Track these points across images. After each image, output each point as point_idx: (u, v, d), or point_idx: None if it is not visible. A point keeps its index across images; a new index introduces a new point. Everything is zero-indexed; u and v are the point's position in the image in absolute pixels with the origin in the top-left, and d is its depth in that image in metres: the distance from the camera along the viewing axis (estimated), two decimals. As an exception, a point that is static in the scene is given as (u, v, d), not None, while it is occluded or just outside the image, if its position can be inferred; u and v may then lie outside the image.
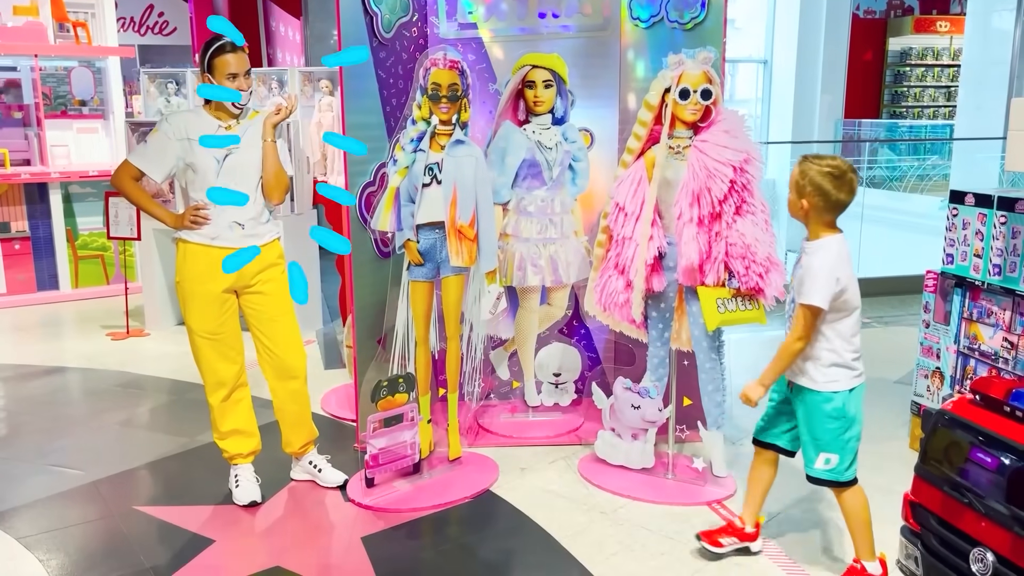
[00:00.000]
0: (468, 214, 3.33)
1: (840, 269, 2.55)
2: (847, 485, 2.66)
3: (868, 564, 2.64)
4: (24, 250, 6.67)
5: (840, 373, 2.62)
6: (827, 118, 11.57)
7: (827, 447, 2.64)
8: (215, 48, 3.06)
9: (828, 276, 2.52)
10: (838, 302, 2.57)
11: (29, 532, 3.10)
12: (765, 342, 5.64)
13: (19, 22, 6.69)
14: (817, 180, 2.54)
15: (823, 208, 2.57)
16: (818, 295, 2.52)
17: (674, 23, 3.67)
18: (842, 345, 2.61)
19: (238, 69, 3.06)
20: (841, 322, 2.60)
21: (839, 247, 2.59)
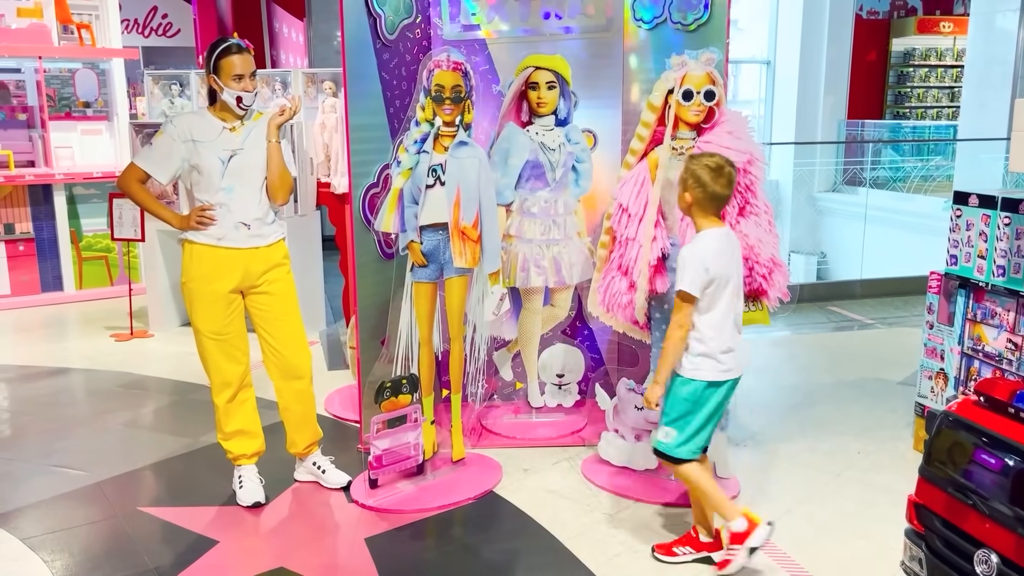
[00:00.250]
0: (471, 215, 3.33)
1: (712, 260, 2.67)
2: (678, 462, 2.79)
3: (734, 524, 2.73)
4: (28, 251, 6.68)
5: (705, 363, 2.73)
6: (830, 119, 11.57)
7: (671, 422, 2.78)
8: (221, 49, 3.08)
9: (698, 265, 2.66)
10: (708, 291, 2.69)
11: (34, 533, 3.11)
12: (770, 343, 5.65)
13: (23, 24, 6.70)
14: (697, 173, 2.71)
15: (703, 199, 2.72)
16: (687, 281, 2.67)
17: (677, 24, 3.67)
18: (710, 336, 2.71)
19: (244, 70, 3.08)
20: (710, 313, 2.72)
21: (717, 241, 2.72)
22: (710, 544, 2.88)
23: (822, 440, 3.93)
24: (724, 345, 2.73)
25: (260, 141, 3.17)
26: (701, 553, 2.89)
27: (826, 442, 3.90)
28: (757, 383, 4.77)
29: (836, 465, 3.65)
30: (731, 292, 2.74)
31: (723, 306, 2.72)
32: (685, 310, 2.70)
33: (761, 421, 4.17)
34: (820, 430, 4.05)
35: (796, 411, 4.33)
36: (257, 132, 3.17)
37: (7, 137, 6.72)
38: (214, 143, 3.10)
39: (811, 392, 4.63)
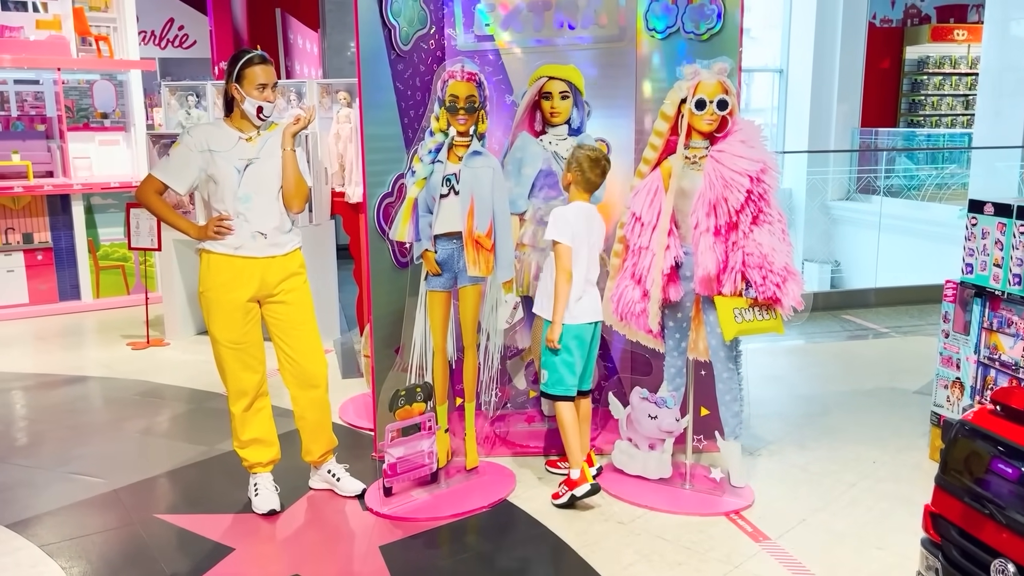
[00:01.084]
0: (485, 224, 3.35)
1: (572, 220, 3.29)
2: (554, 398, 3.37)
3: (572, 471, 3.30)
4: (47, 260, 6.76)
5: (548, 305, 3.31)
6: (843, 127, 11.53)
7: (544, 364, 3.38)
8: (246, 59, 3.12)
9: (561, 222, 3.27)
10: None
11: (52, 539, 3.13)
12: (783, 352, 5.63)
13: (42, 36, 6.80)
14: (580, 159, 3.32)
15: (580, 181, 3.33)
16: (556, 232, 3.25)
17: (690, 34, 3.68)
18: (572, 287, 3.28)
19: (267, 80, 3.12)
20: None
21: (580, 210, 3.34)
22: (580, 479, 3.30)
23: (837, 449, 3.91)
24: (576, 294, 3.29)
25: (276, 150, 3.20)
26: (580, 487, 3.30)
27: (841, 451, 3.89)
28: (771, 392, 4.76)
29: (851, 474, 3.64)
30: (585, 254, 3.31)
31: (578, 263, 3.29)
32: (564, 253, 3.25)
33: (775, 430, 4.15)
34: (835, 439, 4.04)
35: (811, 420, 4.31)
36: (273, 142, 3.21)
37: (26, 148, 6.80)
38: (230, 153, 3.14)
39: (825, 401, 4.61)
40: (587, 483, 3.25)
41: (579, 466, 3.28)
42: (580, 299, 3.32)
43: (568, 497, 3.28)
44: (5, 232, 6.57)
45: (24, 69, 6.80)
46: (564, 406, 3.35)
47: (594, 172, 3.32)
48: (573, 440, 3.32)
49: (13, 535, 3.16)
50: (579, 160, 3.32)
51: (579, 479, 3.26)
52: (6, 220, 6.57)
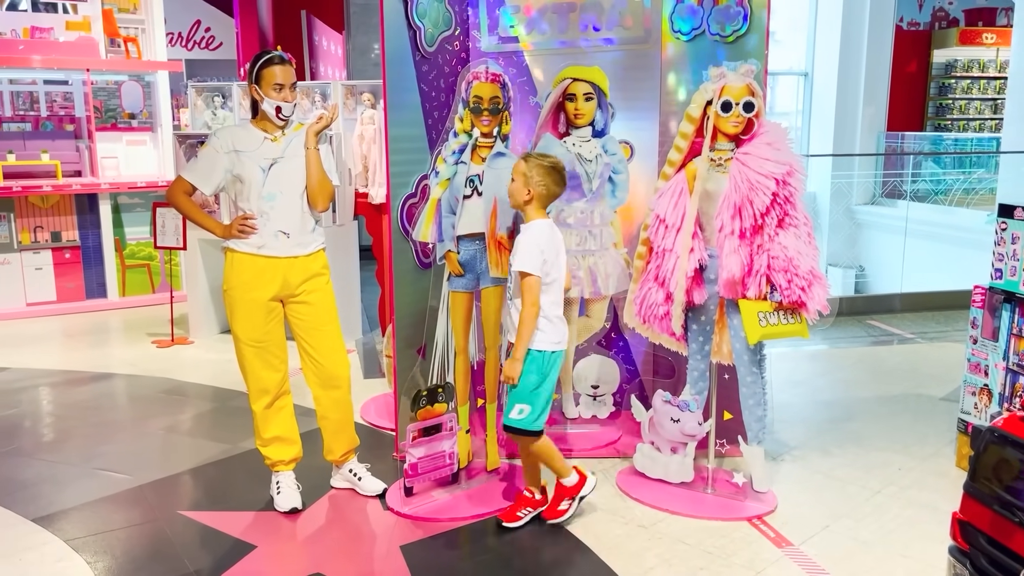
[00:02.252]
0: (508, 225, 3.35)
1: (545, 244, 3.02)
2: (536, 435, 3.11)
3: (566, 480, 3.18)
4: (74, 259, 6.85)
5: (547, 335, 3.07)
6: (869, 130, 11.42)
7: (522, 398, 3.06)
8: (264, 60, 3.15)
9: (534, 247, 3.00)
10: (544, 271, 3.01)
11: (77, 534, 3.17)
12: (807, 357, 5.58)
13: (72, 37, 6.89)
14: (540, 174, 3.02)
15: (546, 196, 3.06)
16: (529, 263, 2.98)
17: (715, 36, 3.66)
18: (550, 311, 3.06)
19: (284, 80, 3.14)
20: (549, 291, 3.06)
21: (547, 228, 3.07)
22: (542, 500, 3.24)
23: (861, 456, 3.87)
24: (559, 319, 3.10)
25: (300, 150, 3.22)
26: (538, 510, 3.23)
27: (866, 458, 3.85)
28: (794, 397, 4.72)
29: (876, 481, 3.59)
30: (561, 273, 3.11)
31: (557, 285, 3.08)
32: (533, 286, 3.00)
33: (799, 435, 4.12)
34: (859, 445, 3.99)
35: (835, 426, 4.27)
36: (298, 141, 3.23)
37: (55, 147, 6.90)
38: (255, 152, 3.16)
39: (850, 407, 4.57)
40: (588, 476, 3.20)
41: (570, 471, 3.19)
42: (563, 324, 3.14)
43: (578, 501, 3.20)
44: (34, 230, 6.67)
45: (54, 70, 6.89)
46: (544, 440, 3.14)
47: (559, 184, 3.07)
48: (558, 459, 3.18)
49: (39, 529, 3.20)
50: (538, 173, 3.01)
51: (579, 481, 3.19)
52: (35, 219, 6.66)
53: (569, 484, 3.18)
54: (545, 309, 3.05)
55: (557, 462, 3.17)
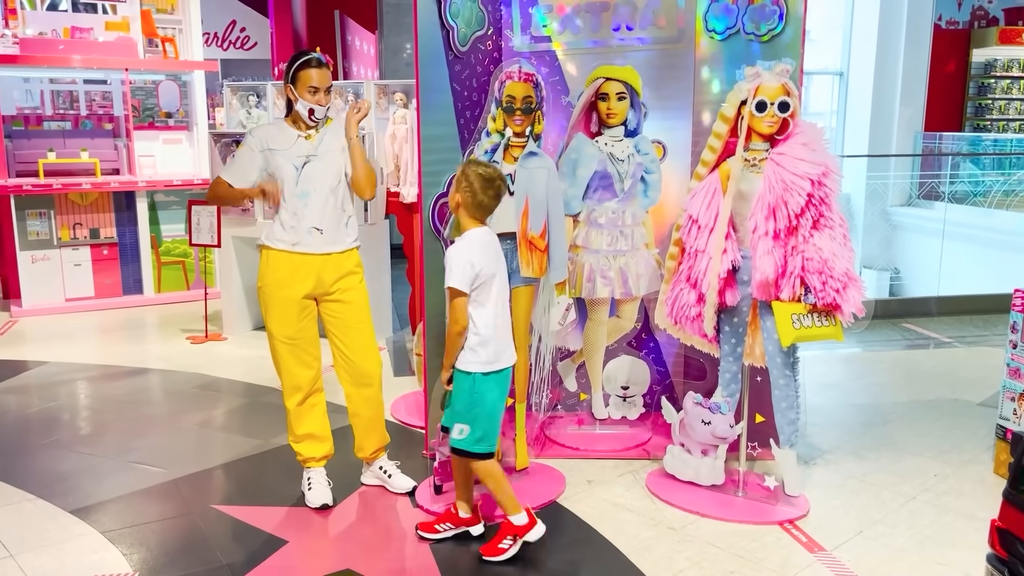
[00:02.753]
0: (539, 225, 3.35)
1: (477, 257, 2.85)
2: (478, 457, 2.93)
3: (514, 517, 2.94)
4: (112, 255, 6.96)
5: (480, 355, 2.90)
6: (906, 131, 11.25)
7: (461, 418, 2.93)
8: (301, 62, 3.18)
9: (463, 262, 2.82)
10: (477, 288, 2.86)
11: (113, 526, 3.22)
12: (840, 360, 5.52)
13: (111, 37, 7.01)
14: (470, 177, 2.87)
15: (471, 204, 2.89)
16: (455, 278, 2.82)
17: (750, 35, 3.63)
18: (485, 330, 2.89)
19: (319, 84, 3.16)
20: (484, 308, 2.89)
21: (480, 238, 2.90)
22: (468, 519, 3.08)
23: (896, 461, 3.81)
24: (497, 337, 2.92)
25: (333, 145, 3.25)
26: (460, 528, 3.09)
27: (900, 463, 3.79)
28: (827, 400, 4.67)
29: (911, 487, 3.54)
30: (497, 288, 2.92)
31: (493, 301, 2.90)
32: (459, 306, 2.86)
33: (831, 439, 4.07)
34: (894, 451, 3.93)
35: (868, 430, 4.21)
36: (330, 137, 3.26)
37: (94, 146, 7.02)
38: (289, 151, 3.20)
39: (884, 411, 4.50)
40: (538, 523, 2.95)
41: (521, 510, 2.94)
42: (502, 342, 2.96)
43: (520, 544, 2.94)
44: (73, 227, 6.79)
45: (93, 69, 7.01)
46: (486, 463, 2.95)
47: (487, 194, 2.87)
48: (507, 488, 2.96)
49: (76, 520, 3.26)
50: (469, 178, 2.86)
51: (528, 522, 2.93)
52: (74, 216, 6.79)
53: (516, 523, 2.94)
54: (479, 328, 2.88)
55: (503, 494, 2.95)
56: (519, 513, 2.94)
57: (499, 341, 2.94)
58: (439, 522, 3.11)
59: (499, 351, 2.93)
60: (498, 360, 2.93)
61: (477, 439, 2.93)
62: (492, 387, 2.93)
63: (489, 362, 2.91)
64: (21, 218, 6.59)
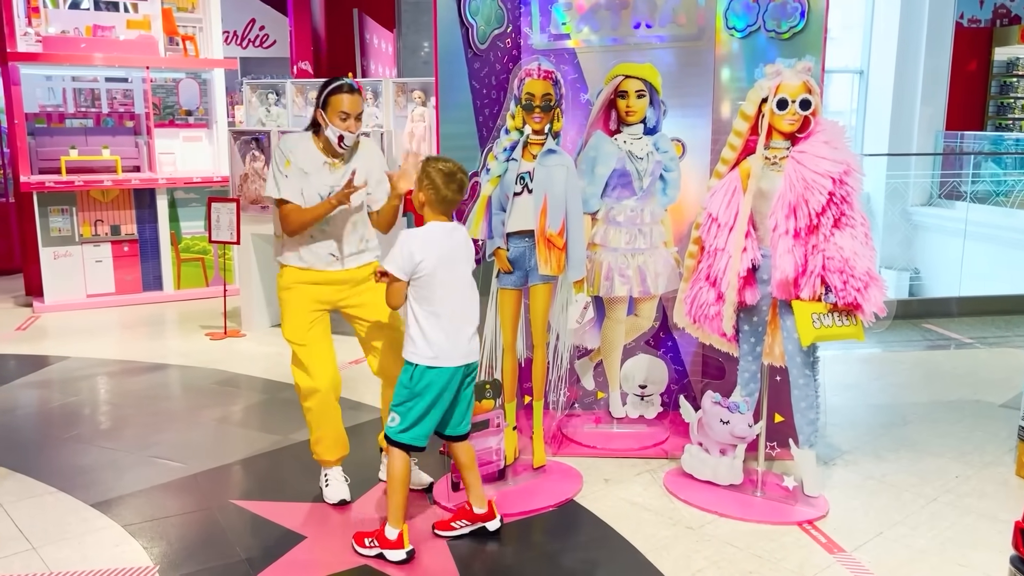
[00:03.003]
0: (558, 223, 3.35)
1: (419, 248, 2.83)
2: (398, 446, 2.92)
3: (389, 529, 2.91)
4: (132, 252, 7.02)
5: (421, 349, 2.89)
6: (927, 130, 11.14)
7: (395, 407, 2.93)
8: (333, 87, 3.13)
9: (405, 250, 2.82)
10: (418, 280, 2.85)
11: (133, 520, 3.25)
12: (859, 360, 5.47)
13: (132, 35, 7.06)
14: (432, 176, 2.87)
15: (435, 200, 2.89)
16: (393, 264, 2.83)
17: (771, 32, 3.61)
18: (426, 324, 2.87)
19: (351, 111, 3.12)
20: (428, 302, 2.87)
21: (435, 233, 2.90)
22: (484, 515, 3.08)
23: (916, 462, 3.78)
24: (440, 333, 2.87)
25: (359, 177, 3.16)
26: (476, 524, 3.09)
27: (920, 464, 3.76)
28: (846, 400, 4.63)
29: (932, 489, 3.51)
30: (450, 283, 2.88)
31: (439, 298, 2.87)
32: (392, 290, 2.88)
33: (851, 439, 4.04)
34: (914, 451, 3.90)
35: (888, 431, 4.18)
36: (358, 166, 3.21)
37: (115, 143, 7.09)
38: (316, 176, 3.17)
39: (904, 412, 4.46)
40: (403, 549, 2.89)
41: (400, 527, 2.91)
42: (450, 337, 2.88)
43: (375, 554, 2.93)
44: (95, 224, 6.85)
45: (115, 67, 7.07)
46: (399, 456, 2.92)
47: (450, 188, 2.87)
48: (400, 496, 2.91)
49: (98, 514, 3.29)
50: (430, 176, 2.87)
51: (396, 541, 2.89)
52: (96, 212, 6.85)
53: (389, 536, 2.91)
54: (422, 321, 2.87)
55: (395, 499, 2.91)
56: (396, 528, 2.91)
57: (444, 341, 2.88)
58: (455, 519, 3.11)
59: (443, 350, 2.88)
60: (440, 358, 2.88)
61: (403, 428, 2.91)
62: (431, 382, 2.88)
63: (431, 357, 2.88)
64: (44, 215, 6.66)
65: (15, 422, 4.35)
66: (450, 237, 2.93)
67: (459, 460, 3.11)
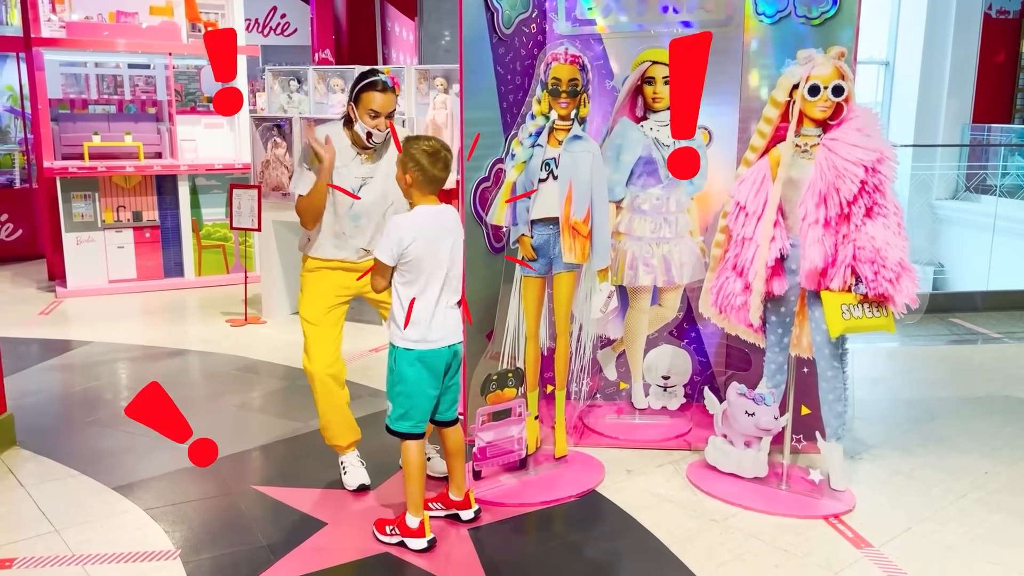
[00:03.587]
0: (583, 211, 3.30)
1: (407, 232, 2.79)
2: (398, 435, 2.92)
3: (410, 518, 2.90)
4: (154, 238, 7.04)
5: (408, 333, 2.85)
6: (953, 122, 11.00)
7: (388, 395, 2.94)
8: (367, 83, 3.11)
9: (394, 235, 2.78)
10: (406, 264, 2.81)
11: (156, 504, 3.25)
12: (884, 354, 5.40)
13: (155, 22, 7.07)
14: (416, 156, 2.81)
15: (422, 181, 2.83)
16: (382, 250, 2.80)
17: (802, 18, 3.54)
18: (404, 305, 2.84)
19: (382, 109, 3.10)
20: (414, 286, 2.84)
21: (424, 217, 2.85)
22: (460, 503, 3.09)
23: (945, 457, 3.72)
24: (426, 315, 2.85)
25: (389, 171, 3.18)
26: (450, 510, 3.11)
27: (950, 460, 3.69)
28: (873, 394, 4.57)
29: (961, 485, 3.45)
30: (436, 266, 2.85)
31: (425, 280, 2.84)
32: (380, 273, 2.85)
33: (878, 434, 3.98)
34: (943, 447, 3.84)
35: (916, 425, 4.11)
36: (387, 158, 3.22)
37: (138, 129, 7.10)
38: (347, 168, 3.17)
39: (931, 406, 4.39)
40: (424, 538, 2.89)
41: (421, 516, 2.90)
42: (433, 319, 2.86)
43: (396, 541, 2.92)
44: (117, 210, 6.88)
45: (138, 54, 7.08)
46: (410, 445, 2.91)
47: (436, 167, 2.82)
48: (416, 485, 2.90)
49: (120, 497, 3.30)
50: (415, 156, 2.81)
51: (418, 530, 2.89)
52: (118, 198, 6.87)
53: (410, 524, 2.89)
54: (405, 304, 2.84)
55: (412, 487, 2.90)
56: (417, 516, 2.89)
57: (429, 323, 2.86)
58: (431, 501, 3.12)
59: (425, 333, 2.85)
60: (422, 341, 2.85)
61: (398, 416, 2.90)
62: (413, 365, 2.86)
63: (415, 340, 2.85)
64: (67, 200, 6.69)
65: (38, 405, 4.37)
66: (439, 220, 2.88)
67: (447, 446, 3.09)
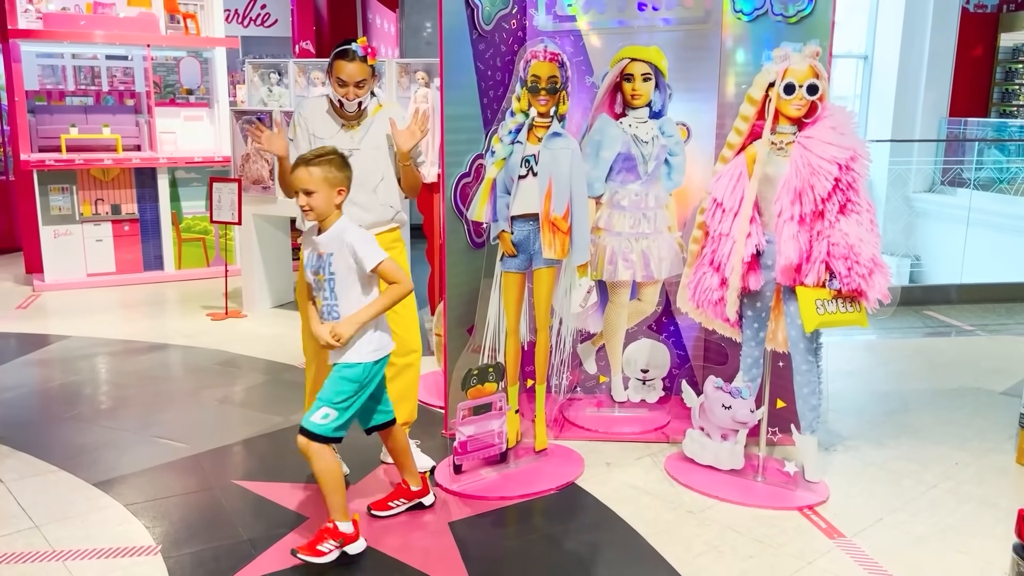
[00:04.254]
0: (562, 207, 3.33)
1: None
2: (323, 441, 2.77)
3: (341, 524, 2.80)
4: (133, 231, 7.00)
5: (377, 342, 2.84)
6: (931, 116, 11.11)
7: (334, 404, 2.77)
8: (337, 51, 3.14)
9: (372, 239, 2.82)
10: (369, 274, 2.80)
11: (136, 499, 3.26)
12: (860, 347, 5.48)
13: (133, 13, 7.00)
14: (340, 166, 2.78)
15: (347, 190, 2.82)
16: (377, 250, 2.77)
17: (778, 16, 3.58)
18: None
19: (348, 78, 3.11)
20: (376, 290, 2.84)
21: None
22: (419, 491, 3.14)
23: (917, 448, 3.79)
24: (385, 322, 2.88)
25: (378, 141, 3.21)
26: (413, 501, 3.14)
27: (921, 451, 3.77)
28: (848, 387, 4.64)
29: (932, 475, 3.52)
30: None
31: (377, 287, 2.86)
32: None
33: (852, 426, 4.05)
34: (915, 438, 3.91)
35: (889, 417, 4.19)
36: (375, 130, 3.22)
37: (116, 122, 7.04)
38: (333, 140, 3.15)
39: (905, 399, 4.47)
40: (360, 538, 2.83)
41: (349, 518, 2.81)
42: (377, 328, 2.85)
43: (339, 553, 2.79)
44: (95, 203, 6.83)
45: (115, 45, 7.01)
46: (324, 451, 2.76)
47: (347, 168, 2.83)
48: (341, 490, 2.81)
49: (100, 493, 3.30)
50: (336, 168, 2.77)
51: (354, 533, 2.81)
52: (96, 191, 6.82)
53: (343, 530, 2.80)
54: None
55: (335, 496, 2.79)
56: (347, 520, 2.81)
57: (385, 328, 2.90)
58: (391, 499, 3.14)
59: (383, 339, 2.87)
60: (383, 347, 2.87)
61: (339, 426, 2.79)
62: (376, 372, 2.86)
63: (378, 349, 2.85)
64: (44, 193, 6.63)
65: (17, 401, 4.36)
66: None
67: (395, 446, 3.09)
